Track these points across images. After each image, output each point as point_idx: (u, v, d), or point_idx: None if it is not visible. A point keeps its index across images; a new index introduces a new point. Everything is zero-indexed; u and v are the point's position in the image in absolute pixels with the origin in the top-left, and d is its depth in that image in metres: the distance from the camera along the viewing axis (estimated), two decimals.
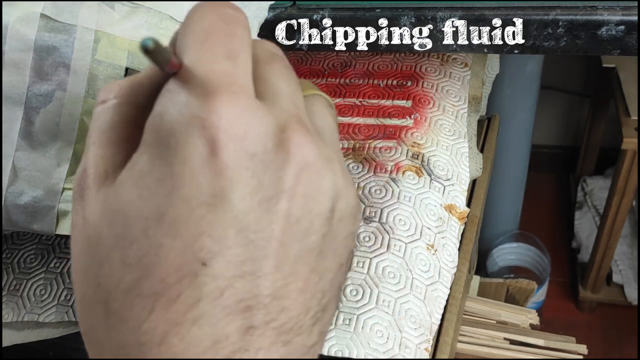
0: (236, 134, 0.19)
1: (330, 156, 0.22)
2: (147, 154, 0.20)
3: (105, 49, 0.37)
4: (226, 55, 0.21)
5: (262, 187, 0.20)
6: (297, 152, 0.20)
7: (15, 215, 0.38)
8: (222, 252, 0.19)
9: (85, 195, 0.22)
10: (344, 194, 0.22)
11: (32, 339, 0.45)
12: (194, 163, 0.19)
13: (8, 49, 0.35)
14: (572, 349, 0.65)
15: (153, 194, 0.19)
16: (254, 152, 0.19)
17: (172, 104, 0.20)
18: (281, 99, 0.22)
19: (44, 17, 0.36)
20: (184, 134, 0.19)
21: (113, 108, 0.23)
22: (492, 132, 0.64)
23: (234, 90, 0.20)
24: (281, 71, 0.23)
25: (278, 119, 0.21)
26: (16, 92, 0.36)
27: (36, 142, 0.37)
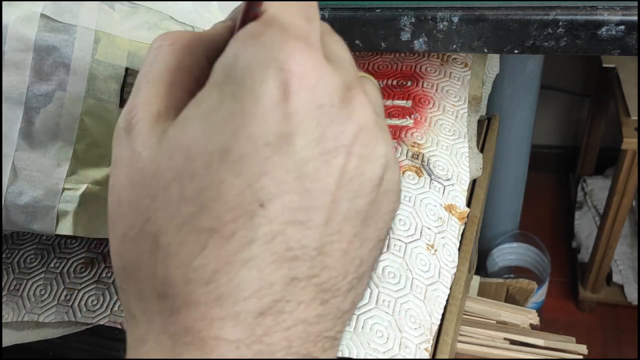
0: (308, 83, 0.20)
1: (384, 127, 0.22)
2: (217, 92, 0.20)
3: (105, 49, 0.37)
4: (305, 16, 0.22)
5: (324, 138, 0.20)
6: (360, 111, 0.21)
7: (15, 215, 0.38)
8: (280, 195, 0.19)
9: (135, 130, 0.22)
10: (392, 167, 0.22)
11: (32, 339, 0.45)
12: (266, 103, 0.19)
13: (8, 49, 0.35)
14: (572, 349, 0.65)
15: (220, 130, 0.19)
16: (322, 103, 0.20)
17: (248, 46, 0.20)
18: (345, 63, 0.22)
19: (44, 17, 0.36)
20: (261, 74, 0.19)
21: (170, 52, 0.23)
22: (492, 132, 0.64)
23: (311, 45, 0.20)
24: (340, 43, 0.24)
25: (344, 78, 0.21)
26: (16, 92, 0.36)
27: (36, 142, 0.37)
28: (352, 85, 0.21)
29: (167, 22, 0.40)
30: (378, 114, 0.23)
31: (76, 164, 0.38)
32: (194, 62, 0.23)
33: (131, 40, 0.38)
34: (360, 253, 0.22)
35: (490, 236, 1.39)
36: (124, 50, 0.38)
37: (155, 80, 0.23)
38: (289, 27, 0.21)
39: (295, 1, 0.22)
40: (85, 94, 0.37)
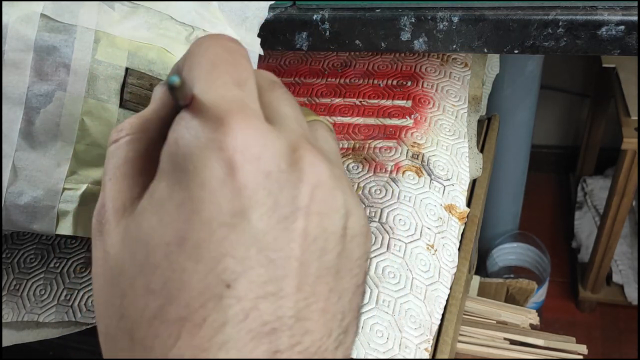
0: (252, 155, 0.19)
1: (340, 175, 0.22)
2: (166, 180, 0.20)
3: (105, 49, 0.37)
4: (234, 82, 0.21)
5: (278, 205, 0.20)
6: (310, 170, 0.20)
7: (15, 215, 0.38)
8: (245, 272, 0.19)
9: (104, 229, 0.22)
10: (354, 212, 0.22)
11: (32, 339, 0.45)
12: (213, 185, 0.19)
13: (8, 49, 0.35)
14: (572, 349, 0.65)
15: (173, 219, 0.20)
16: (269, 171, 0.20)
17: (186, 130, 0.20)
18: (288, 122, 0.22)
19: (44, 17, 0.36)
20: (201, 157, 0.19)
21: (126, 144, 0.23)
22: (492, 132, 0.64)
23: (247, 114, 0.20)
24: (283, 96, 0.24)
25: (289, 139, 0.21)
26: (16, 92, 0.36)
27: (36, 142, 0.37)
28: (298, 145, 0.21)
29: (167, 22, 0.40)
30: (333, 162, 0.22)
31: (76, 164, 0.38)
32: (151, 146, 0.23)
33: (131, 40, 0.38)
34: (340, 307, 0.21)
35: (490, 236, 1.39)
36: (124, 50, 0.38)
37: (116, 175, 0.23)
38: (220, 103, 0.20)
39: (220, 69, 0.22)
40: (85, 94, 0.37)
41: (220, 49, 0.22)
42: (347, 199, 0.21)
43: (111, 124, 0.38)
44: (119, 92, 0.38)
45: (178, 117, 0.21)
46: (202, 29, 0.41)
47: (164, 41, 0.39)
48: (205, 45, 0.23)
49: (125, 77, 0.38)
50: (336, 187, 0.21)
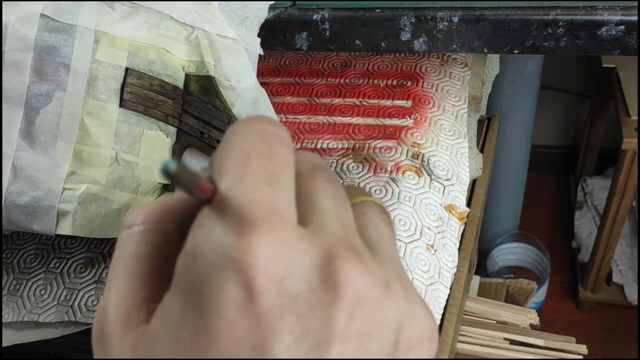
0: (276, 274, 0.17)
1: (388, 279, 0.19)
2: (180, 300, 0.18)
3: (105, 49, 0.37)
4: (266, 180, 0.19)
5: (309, 332, 0.17)
6: (348, 285, 0.18)
7: (15, 215, 0.38)
8: None
9: (107, 340, 0.20)
10: (410, 320, 0.19)
11: (32, 339, 0.45)
12: (230, 313, 0.17)
13: (8, 49, 0.35)
14: (572, 349, 0.65)
15: (188, 351, 0.17)
16: (298, 293, 0.17)
17: (205, 241, 0.18)
18: (327, 220, 0.19)
19: (44, 17, 0.36)
20: (218, 280, 0.17)
21: (139, 235, 0.21)
22: (492, 132, 0.64)
23: (273, 222, 0.18)
24: (325, 185, 0.21)
25: (324, 247, 0.18)
26: (16, 92, 0.36)
27: (36, 142, 0.37)
28: (335, 253, 0.18)
29: (167, 22, 0.40)
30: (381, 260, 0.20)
31: (76, 164, 0.38)
32: (168, 241, 0.21)
33: (131, 40, 0.38)
34: None
35: (490, 236, 1.39)
36: (124, 50, 0.38)
37: (123, 273, 0.20)
38: (244, 207, 0.18)
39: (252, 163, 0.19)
40: (85, 94, 0.37)
41: (256, 136, 0.19)
42: (399, 306, 0.19)
43: (111, 123, 0.38)
44: (118, 92, 0.38)
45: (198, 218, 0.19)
46: (202, 28, 0.41)
47: (164, 41, 0.39)
48: (241, 131, 0.20)
49: (125, 77, 0.38)
50: (383, 298, 0.18)
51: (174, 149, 0.41)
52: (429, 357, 0.20)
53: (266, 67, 0.60)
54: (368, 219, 0.22)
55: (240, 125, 0.20)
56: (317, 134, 0.52)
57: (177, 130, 0.41)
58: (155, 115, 0.40)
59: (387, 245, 0.21)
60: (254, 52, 0.43)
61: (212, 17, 0.41)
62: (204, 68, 0.41)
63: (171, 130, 0.41)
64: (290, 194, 0.19)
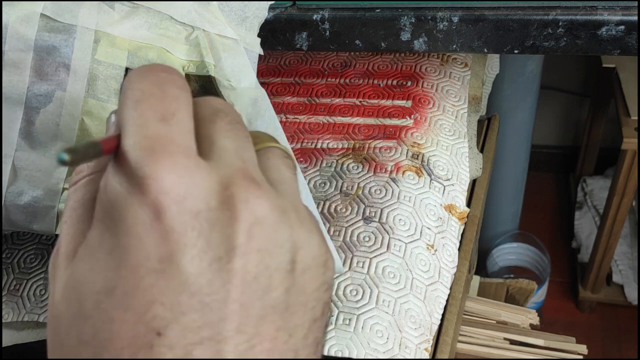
0: (177, 195, 0.19)
1: (285, 207, 0.21)
2: (97, 228, 0.20)
3: (105, 49, 0.37)
4: (159, 117, 0.20)
5: (211, 246, 0.19)
6: (244, 207, 0.19)
7: (15, 215, 0.38)
8: (176, 318, 0.18)
9: (56, 274, 0.21)
10: (305, 244, 0.21)
11: (32, 339, 0.45)
12: (139, 231, 0.19)
13: (8, 49, 0.35)
14: (572, 349, 0.65)
15: (103, 268, 0.19)
16: (197, 211, 0.19)
17: (112, 177, 0.20)
18: (225, 155, 0.21)
19: (44, 17, 0.36)
20: (125, 204, 0.19)
21: (82, 186, 0.23)
22: (492, 132, 0.64)
23: (171, 150, 0.19)
24: (226, 128, 0.22)
25: (221, 175, 0.20)
26: (16, 92, 0.36)
27: (36, 142, 0.37)
28: (231, 181, 0.20)
29: (167, 22, 0.40)
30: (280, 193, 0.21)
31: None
32: None
33: (131, 40, 0.38)
34: (292, 344, 0.20)
35: (490, 236, 1.39)
36: (124, 50, 0.38)
37: (71, 218, 0.22)
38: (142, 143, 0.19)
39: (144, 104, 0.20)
40: (85, 94, 0.37)
41: (148, 83, 0.21)
42: (294, 232, 0.21)
43: None
44: (118, 92, 0.38)
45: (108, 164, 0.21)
46: (202, 28, 0.41)
47: (164, 41, 0.39)
48: (133, 81, 0.21)
49: (125, 77, 0.38)
50: (279, 222, 0.20)
51: None
52: (324, 283, 0.22)
53: (266, 67, 0.60)
54: (270, 162, 0.23)
55: (133, 73, 0.22)
56: (317, 134, 0.52)
57: None
58: None
59: (287, 184, 0.23)
60: (254, 52, 0.43)
61: (212, 17, 0.41)
62: (204, 68, 0.41)
63: None
64: (188, 129, 0.21)
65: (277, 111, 0.55)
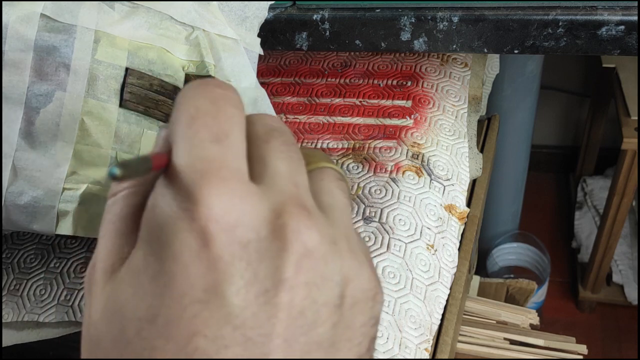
0: (227, 223, 0.18)
1: (336, 237, 0.20)
2: (142, 249, 0.19)
3: (105, 49, 0.37)
4: (213, 138, 0.20)
5: (258, 278, 0.18)
6: (295, 238, 0.19)
7: (15, 215, 0.38)
8: (219, 352, 0.18)
9: (92, 290, 0.21)
10: (355, 277, 0.20)
11: (32, 339, 0.45)
12: (185, 258, 0.18)
13: (8, 49, 0.35)
14: (572, 349, 0.65)
15: (147, 293, 0.19)
16: (247, 241, 0.18)
17: (161, 197, 0.19)
18: (279, 180, 0.20)
19: (44, 17, 0.36)
20: (173, 228, 0.19)
21: (122, 199, 0.22)
22: (492, 132, 0.64)
23: (223, 176, 0.19)
24: (280, 149, 0.21)
25: (273, 202, 0.19)
26: (16, 92, 0.36)
27: (36, 142, 0.37)
28: (283, 209, 0.19)
29: (167, 22, 0.40)
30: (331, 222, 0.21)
31: (76, 164, 0.38)
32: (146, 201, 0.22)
33: (131, 40, 0.38)
34: None
35: (490, 236, 1.39)
36: (124, 50, 0.38)
37: (109, 233, 0.22)
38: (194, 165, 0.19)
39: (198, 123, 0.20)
40: (85, 94, 0.37)
41: (202, 99, 0.20)
42: (344, 264, 0.20)
43: (111, 123, 0.38)
44: (118, 92, 0.38)
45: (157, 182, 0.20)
46: (202, 28, 0.41)
47: (164, 41, 0.39)
48: (188, 96, 0.21)
49: (125, 77, 0.38)
50: (330, 253, 0.19)
51: None
52: (372, 318, 0.21)
53: (266, 67, 0.60)
54: (324, 184, 0.23)
55: (188, 89, 0.21)
56: (317, 134, 0.52)
57: None
58: (156, 116, 0.40)
59: (340, 210, 0.22)
60: (254, 52, 0.43)
61: (212, 17, 0.41)
62: (204, 68, 0.41)
63: None
64: (240, 151, 0.20)
65: (277, 111, 0.55)
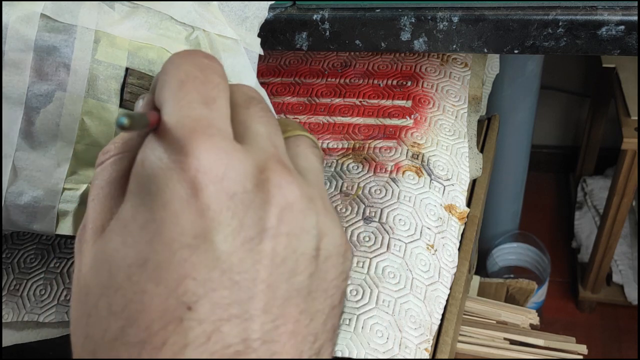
0: (215, 175, 0.19)
1: (313, 195, 0.21)
2: (131, 201, 0.20)
3: (105, 49, 0.37)
4: (202, 101, 0.21)
5: (244, 227, 0.19)
6: (277, 192, 0.20)
7: (15, 215, 0.38)
8: (207, 294, 0.19)
9: (82, 248, 0.22)
10: (329, 233, 0.22)
11: (32, 339, 0.45)
12: (175, 206, 0.19)
13: (8, 49, 0.35)
14: (572, 349, 0.65)
15: (136, 241, 0.19)
16: (233, 192, 0.19)
17: (151, 152, 0.20)
18: (259, 140, 0.22)
19: (44, 17, 0.36)
20: (164, 178, 0.19)
21: (110, 165, 0.23)
22: (492, 132, 0.64)
23: (211, 133, 0.20)
24: (259, 114, 0.23)
25: (257, 159, 0.21)
26: (16, 92, 0.36)
27: (36, 142, 0.37)
28: (266, 165, 0.21)
29: (167, 22, 0.40)
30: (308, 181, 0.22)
31: (76, 164, 0.38)
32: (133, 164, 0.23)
33: (131, 40, 0.38)
34: (312, 329, 0.21)
35: (490, 236, 1.39)
36: (124, 50, 0.38)
37: (98, 196, 0.23)
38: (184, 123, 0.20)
39: (188, 87, 0.21)
40: (85, 94, 0.37)
41: (191, 66, 0.22)
42: (320, 219, 0.21)
43: (111, 124, 0.38)
44: (119, 92, 0.38)
45: (147, 139, 0.21)
46: (202, 29, 0.41)
47: (164, 41, 0.39)
48: (177, 63, 0.22)
49: (125, 77, 0.38)
50: (307, 208, 0.21)
51: None
52: (343, 272, 0.22)
53: (266, 67, 0.60)
54: (299, 150, 0.24)
55: (176, 56, 0.23)
56: (317, 134, 0.52)
57: None
58: None
59: (314, 173, 0.24)
60: (254, 52, 0.43)
61: (212, 17, 0.41)
62: None
63: None
64: (226, 115, 0.22)
65: (277, 111, 0.55)
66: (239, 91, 0.24)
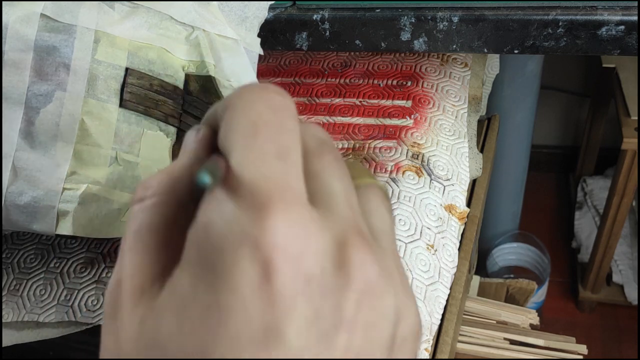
0: (291, 254, 0.17)
1: (391, 270, 0.19)
2: (190, 275, 0.17)
3: (105, 49, 0.37)
4: (277, 154, 0.18)
5: (319, 317, 0.17)
6: (359, 274, 0.17)
7: (15, 215, 0.38)
8: None
9: (119, 314, 0.19)
10: (406, 314, 0.19)
11: (32, 339, 0.45)
12: (245, 291, 0.16)
13: (8, 49, 0.35)
14: (572, 349, 0.66)
15: (196, 327, 0.17)
16: (311, 275, 0.17)
17: (218, 215, 0.17)
18: (337, 203, 0.19)
19: (44, 17, 0.36)
20: (234, 256, 0.16)
21: (152, 207, 0.20)
22: (492, 132, 0.64)
23: (289, 200, 0.17)
24: (333, 165, 0.20)
25: (336, 231, 0.18)
26: (16, 92, 0.36)
27: (36, 142, 0.37)
28: (346, 239, 0.18)
29: (167, 22, 0.40)
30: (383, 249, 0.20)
31: (76, 164, 0.38)
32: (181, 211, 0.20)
33: (131, 40, 0.38)
34: None
35: (490, 236, 1.39)
36: (124, 50, 0.38)
37: (137, 246, 0.20)
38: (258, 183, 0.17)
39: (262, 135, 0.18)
40: (85, 94, 0.37)
41: (264, 106, 0.19)
42: (398, 299, 0.19)
43: (111, 124, 0.38)
44: (119, 92, 0.38)
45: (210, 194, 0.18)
46: (202, 28, 0.41)
47: (164, 41, 0.39)
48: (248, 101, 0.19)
49: (125, 77, 0.38)
50: (386, 289, 0.18)
51: (174, 149, 0.41)
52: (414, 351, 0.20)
53: (266, 67, 0.60)
54: (372, 206, 0.21)
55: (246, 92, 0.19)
56: None
57: (177, 130, 0.41)
58: (156, 116, 0.40)
59: (389, 235, 0.21)
60: (254, 52, 0.43)
61: (212, 17, 0.41)
62: (204, 68, 0.41)
63: (171, 130, 0.41)
64: (300, 170, 0.19)
65: None
66: (309, 133, 0.20)
